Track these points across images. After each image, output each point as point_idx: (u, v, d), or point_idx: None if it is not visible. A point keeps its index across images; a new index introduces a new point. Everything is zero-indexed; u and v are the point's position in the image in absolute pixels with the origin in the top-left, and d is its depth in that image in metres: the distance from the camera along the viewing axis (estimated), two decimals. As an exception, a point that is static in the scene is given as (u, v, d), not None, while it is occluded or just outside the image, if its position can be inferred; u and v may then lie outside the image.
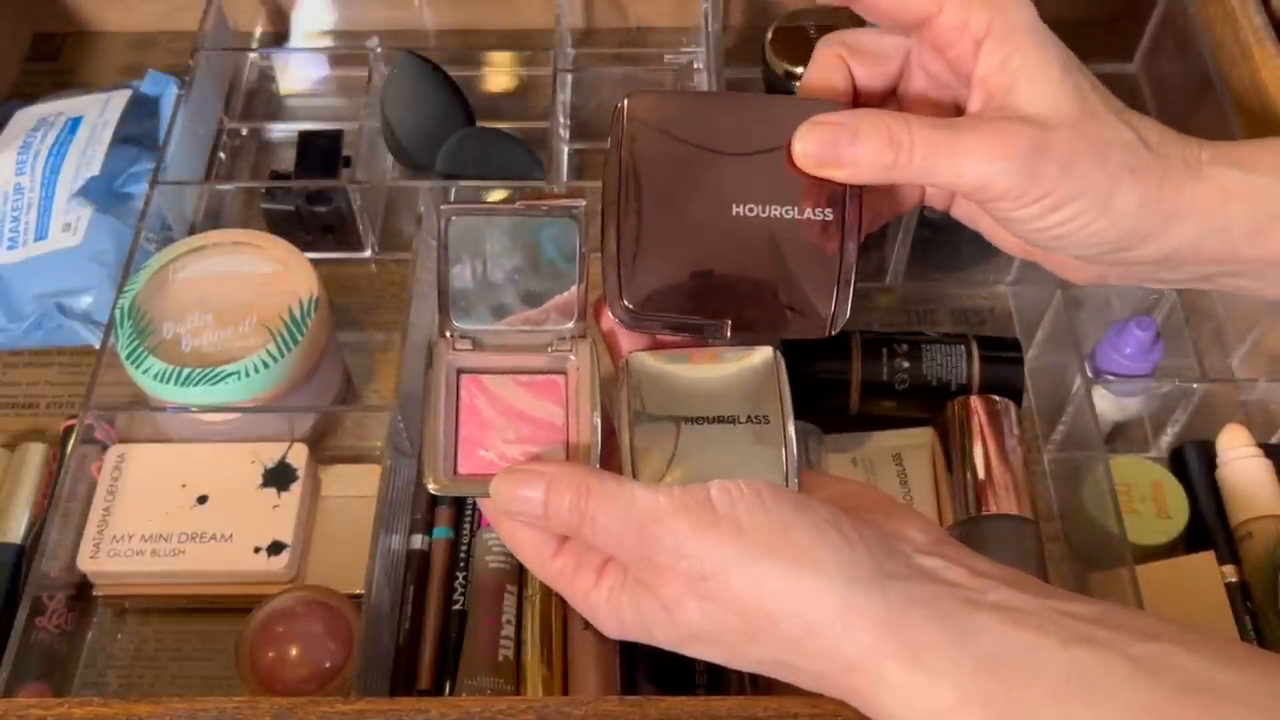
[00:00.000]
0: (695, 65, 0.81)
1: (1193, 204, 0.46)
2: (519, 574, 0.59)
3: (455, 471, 0.46)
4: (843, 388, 0.66)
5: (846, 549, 0.39)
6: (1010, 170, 0.44)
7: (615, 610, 0.42)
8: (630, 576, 0.42)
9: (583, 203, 0.46)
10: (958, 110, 0.48)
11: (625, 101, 0.47)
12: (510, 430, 0.47)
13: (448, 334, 0.48)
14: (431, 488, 0.45)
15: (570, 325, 0.48)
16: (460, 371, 0.48)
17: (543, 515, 0.42)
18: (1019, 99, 0.45)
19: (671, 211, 0.46)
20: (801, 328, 0.47)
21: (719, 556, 0.39)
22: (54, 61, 0.86)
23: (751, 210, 0.46)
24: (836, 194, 0.46)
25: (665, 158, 0.47)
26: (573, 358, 0.48)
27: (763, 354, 0.47)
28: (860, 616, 0.38)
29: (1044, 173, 0.44)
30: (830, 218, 0.46)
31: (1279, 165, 0.47)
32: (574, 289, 0.48)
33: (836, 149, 0.45)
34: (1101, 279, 0.50)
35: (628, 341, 0.48)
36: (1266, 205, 0.46)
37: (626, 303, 0.46)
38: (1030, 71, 0.45)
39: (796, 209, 0.46)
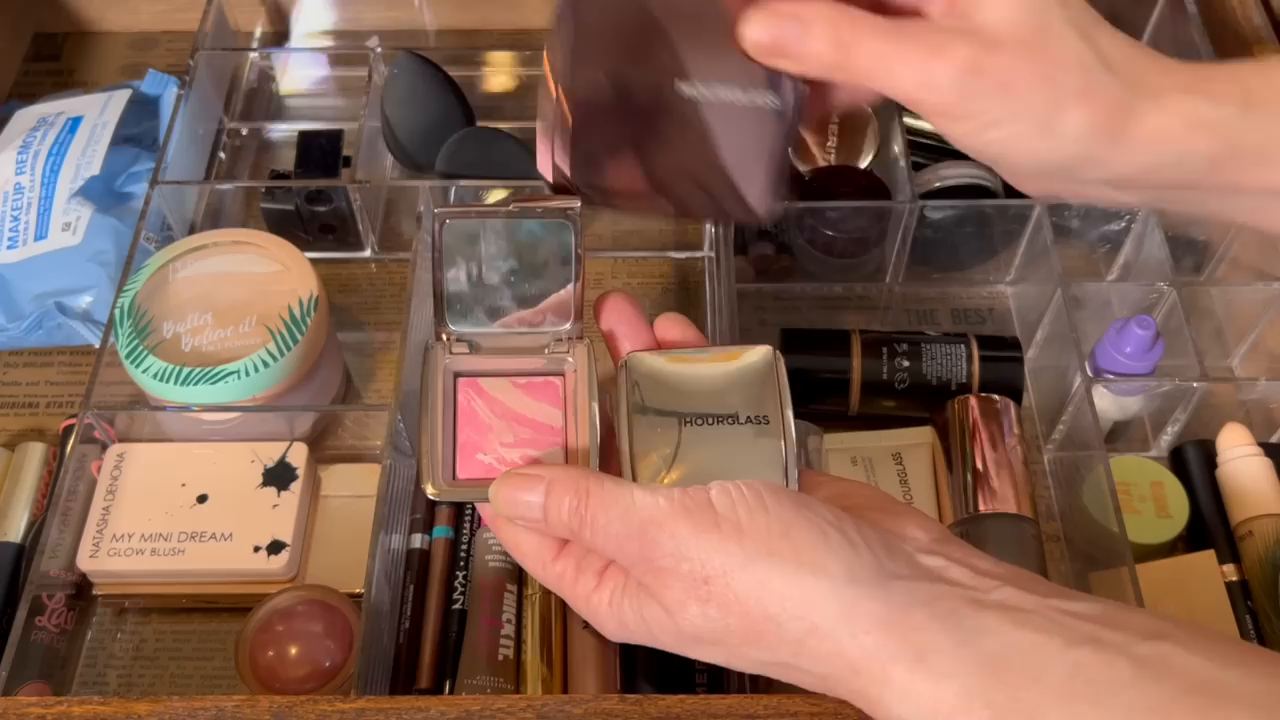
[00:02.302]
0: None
1: (1150, 133, 0.44)
2: (519, 573, 0.59)
3: (454, 477, 0.46)
4: (843, 387, 0.66)
5: (849, 550, 0.39)
6: (944, 86, 0.42)
7: (617, 613, 0.42)
8: (631, 579, 0.42)
9: (577, 204, 0.46)
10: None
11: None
12: (508, 433, 0.47)
13: (444, 337, 0.48)
14: (430, 494, 0.45)
15: (567, 326, 0.48)
16: (457, 375, 0.48)
17: (542, 519, 0.42)
18: (975, 7, 0.43)
19: (615, 82, 0.45)
20: (737, 212, 0.47)
21: (721, 559, 0.39)
22: (54, 61, 0.87)
23: (696, 88, 0.45)
24: (783, 80, 0.45)
25: (612, 28, 0.44)
26: (570, 359, 0.48)
27: (762, 353, 0.47)
28: (863, 618, 0.38)
29: (979, 91, 0.42)
30: (774, 104, 0.45)
31: (1248, 97, 0.45)
32: (570, 290, 0.47)
33: (784, 41, 0.43)
34: (1054, 194, 0.48)
35: (627, 342, 0.48)
36: (1229, 138, 0.45)
37: (558, 164, 0.45)
38: None
39: (741, 90, 0.45)
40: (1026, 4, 0.43)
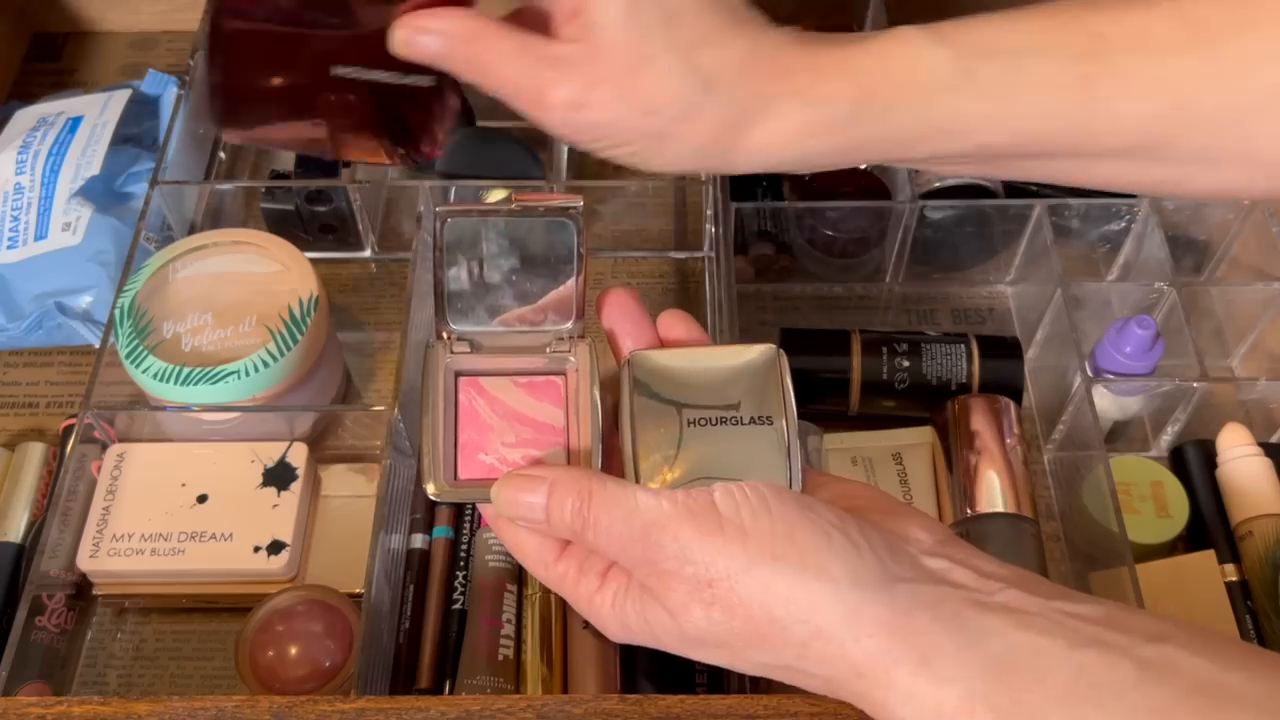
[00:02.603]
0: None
1: (761, 144, 0.46)
2: (519, 573, 0.59)
3: (455, 477, 0.45)
4: (843, 387, 0.66)
5: (852, 552, 0.39)
6: (554, 125, 0.46)
7: (619, 615, 0.42)
8: (634, 581, 0.42)
9: (579, 202, 0.46)
10: None
11: None
12: (510, 433, 0.46)
13: (445, 336, 0.48)
14: (432, 494, 0.45)
15: (569, 325, 0.48)
16: (458, 374, 0.48)
17: (545, 521, 0.42)
18: (589, 30, 0.45)
19: (274, 67, 0.53)
20: (407, 158, 0.55)
21: (725, 562, 0.39)
22: (54, 61, 0.87)
23: (353, 72, 0.52)
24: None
25: (265, 34, 0.52)
26: (572, 358, 0.48)
27: (765, 352, 0.47)
28: (867, 621, 0.38)
29: (584, 126, 0.46)
30: (431, 83, 0.52)
31: (859, 93, 0.45)
32: (572, 288, 0.47)
33: (425, 54, 0.48)
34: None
35: (630, 340, 0.48)
36: (844, 136, 0.46)
37: (221, 118, 0.53)
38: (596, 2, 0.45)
39: (399, 73, 0.51)
40: (629, 31, 0.45)
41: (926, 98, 0.45)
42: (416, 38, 0.48)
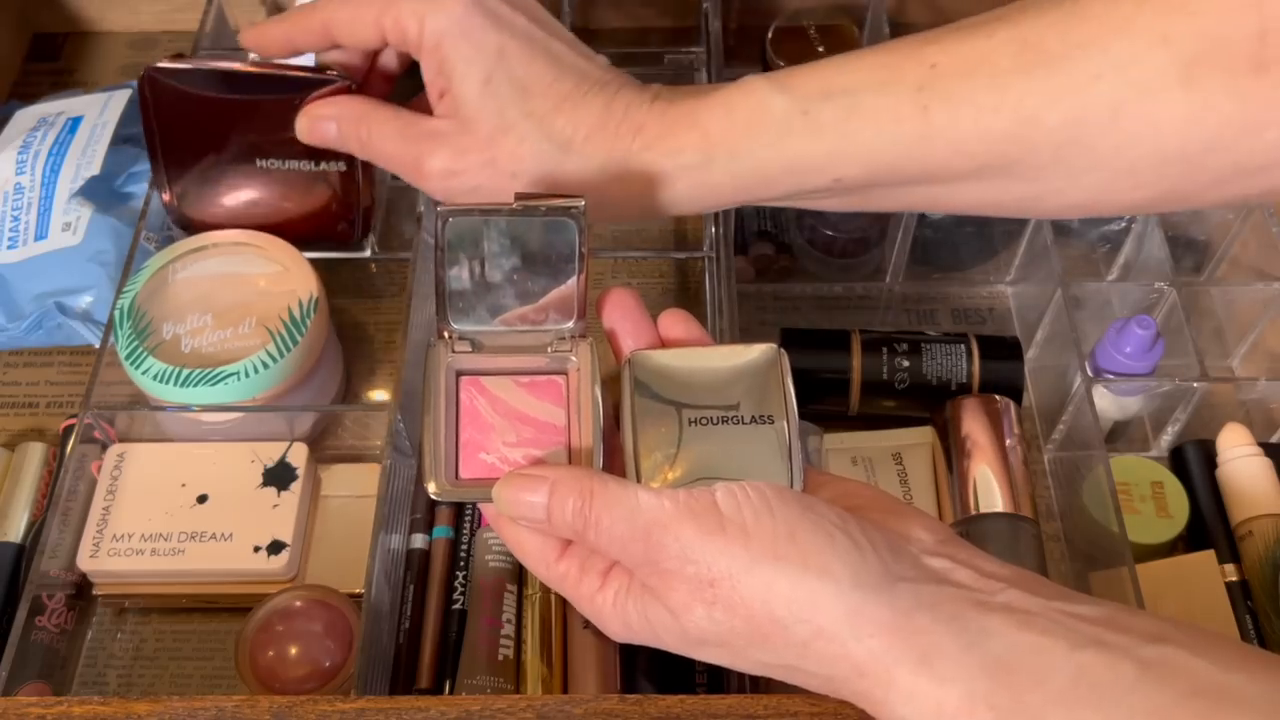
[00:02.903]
0: (695, 65, 0.81)
1: (621, 199, 0.50)
2: (519, 573, 0.59)
3: (456, 476, 0.45)
4: (843, 387, 0.66)
5: (854, 552, 0.39)
6: (433, 191, 0.52)
7: (621, 614, 0.42)
8: (635, 581, 0.42)
9: (581, 202, 0.46)
10: None
11: (145, 73, 0.60)
12: (511, 433, 0.46)
13: (446, 335, 0.48)
14: (433, 493, 0.45)
15: (570, 325, 0.48)
16: (459, 373, 0.48)
17: (546, 520, 0.42)
18: (457, 104, 0.51)
19: (203, 161, 0.63)
20: (332, 241, 0.67)
21: (726, 562, 0.39)
22: (54, 61, 0.86)
23: (274, 164, 0.62)
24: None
25: (192, 124, 0.61)
26: (573, 358, 0.48)
27: (766, 351, 0.47)
28: (868, 621, 0.38)
29: (458, 191, 0.51)
30: (343, 168, 0.62)
31: (706, 143, 0.49)
32: (573, 287, 0.47)
33: (321, 138, 0.56)
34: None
35: (630, 339, 0.48)
36: (696, 180, 0.50)
37: (173, 202, 0.64)
38: (456, 79, 0.51)
39: (312, 163, 0.62)
40: (487, 105, 0.50)
41: (770, 141, 0.49)
42: (316, 124, 0.56)
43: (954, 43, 0.46)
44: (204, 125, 0.61)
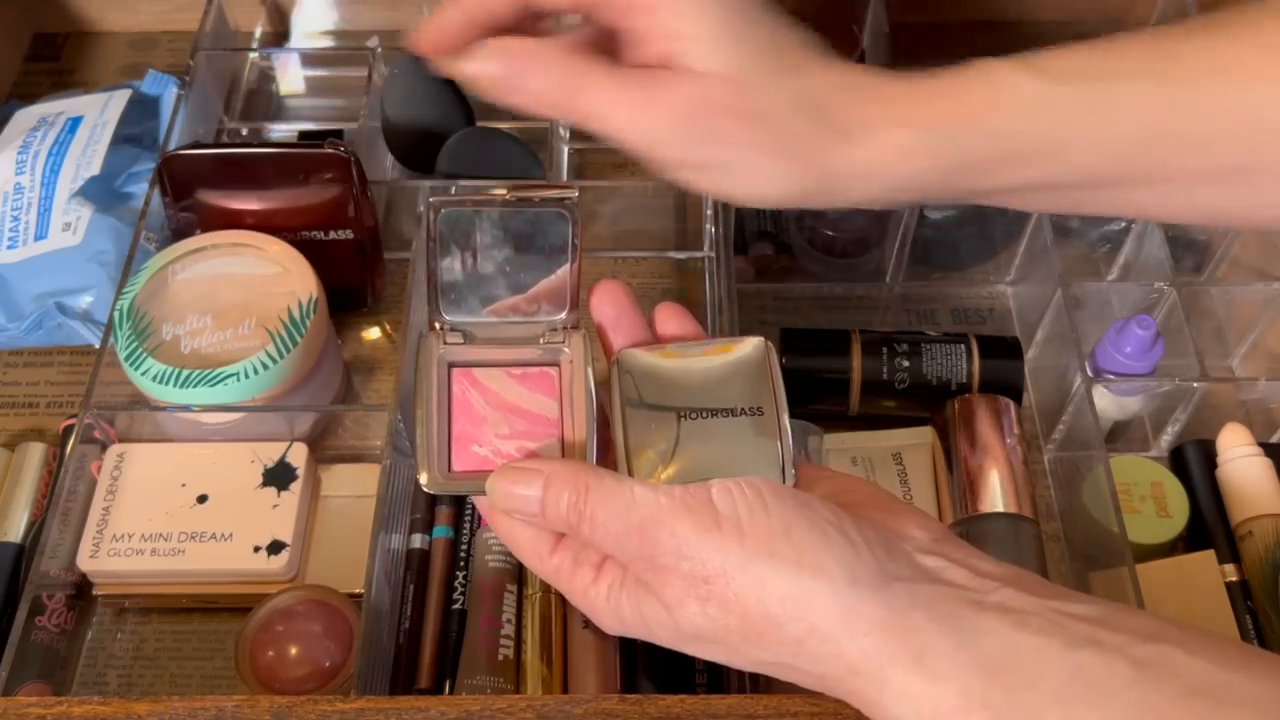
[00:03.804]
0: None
1: (862, 168, 0.46)
2: (519, 573, 0.59)
3: (449, 468, 0.45)
4: (843, 387, 0.66)
5: (849, 550, 0.39)
6: (658, 132, 0.46)
7: (614, 608, 0.42)
8: (630, 575, 0.42)
9: (574, 193, 0.46)
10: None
11: (162, 160, 0.66)
12: (504, 425, 0.46)
13: (438, 327, 0.47)
14: (425, 485, 0.45)
15: (562, 316, 0.48)
16: (451, 365, 0.47)
17: (540, 514, 0.42)
18: (684, 57, 0.45)
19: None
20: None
21: (721, 558, 0.39)
22: (54, 61, 0.87)
23: (293, 235, 0.66)
24: (349, 216, 0.67)
25: (215, 204, 0.67)
26: (566, 350, 0.48)
27: (754, 345, 0.47)
28: (862, 619, 0.38)
29: (689, 140, 0.46)
30: (349, 236, 0.67)
31: (958, 116, 0.46)
32: (566, 278, 0.47)
33: (510, 76, 0.47)
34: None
35: (620, 335, 0.48)
36: (951, 158, 0.47)
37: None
38: (689, 34, 0.45)
39: (322, 232, 0.67)
40: (728, 54, 0.45)
41: (1026, 118, 0.46)
42: (507, 62, 0.47)
43: (1203, 38, 0.46)
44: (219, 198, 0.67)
